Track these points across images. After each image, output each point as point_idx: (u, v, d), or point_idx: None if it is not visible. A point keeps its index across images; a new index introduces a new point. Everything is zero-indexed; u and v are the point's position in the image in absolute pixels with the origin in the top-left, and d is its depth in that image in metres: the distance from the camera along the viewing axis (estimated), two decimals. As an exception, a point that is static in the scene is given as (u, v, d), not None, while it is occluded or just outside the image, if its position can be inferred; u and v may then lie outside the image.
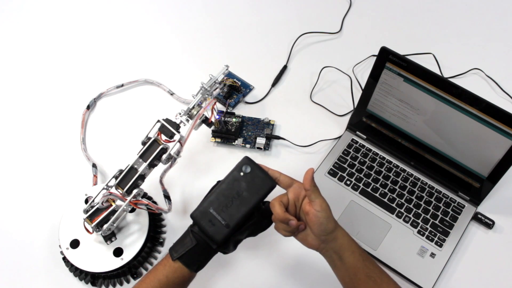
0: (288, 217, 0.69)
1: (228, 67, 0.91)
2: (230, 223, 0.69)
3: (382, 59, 0.85)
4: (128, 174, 0.78)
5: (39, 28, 1.16)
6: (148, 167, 0.78)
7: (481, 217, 0.90)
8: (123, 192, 0.78)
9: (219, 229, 0.69)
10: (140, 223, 0.84)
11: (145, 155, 0.79)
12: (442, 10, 1.20)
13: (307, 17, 1.18)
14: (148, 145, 0.79)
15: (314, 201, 0.69)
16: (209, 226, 0.70)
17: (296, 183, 0.73)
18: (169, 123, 0.80)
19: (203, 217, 0.71)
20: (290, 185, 0.73)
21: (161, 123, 0.80)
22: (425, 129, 0.89)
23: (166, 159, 0.79)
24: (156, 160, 0.79)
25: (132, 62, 1.11)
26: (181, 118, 0.82)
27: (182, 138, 0.80)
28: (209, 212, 0.70)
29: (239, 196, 0.71)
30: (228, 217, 0.70)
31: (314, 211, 0.68)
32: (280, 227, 0.71)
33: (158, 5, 1.20)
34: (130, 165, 0.79)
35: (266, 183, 0.72)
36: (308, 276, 0.85)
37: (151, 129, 0.81)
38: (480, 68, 1.09)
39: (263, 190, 0.71)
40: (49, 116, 1.03)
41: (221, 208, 0.71)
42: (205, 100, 0.87)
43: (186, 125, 0.82)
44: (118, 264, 0.81)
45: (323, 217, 0.69)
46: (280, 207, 0.70)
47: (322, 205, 0.69)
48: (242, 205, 0.70)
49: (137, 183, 0.79)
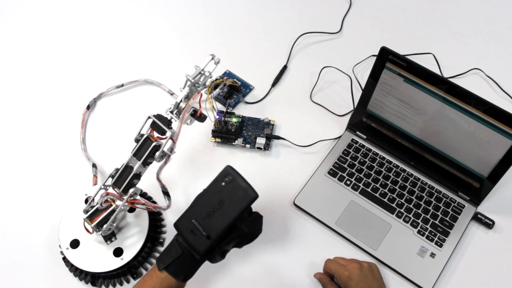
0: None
1: (214, 56, 0.85)
2: (212, 235, 0.68)
3: (382, 59, 0.85)
4: (124, 173, 0.77)
5: (39, 29, 1.16)
6: (142, 165, 0.77)
7: (481, 217, 0.90)
8: (119, 192, 0.77)
9: (201, 240, 0.69)
10: (140, 223, 0.84)
11: (138, 153, 0.77)
12: (442, 10, 1.20)
13: (307, 17, 1.18)
14: (141, 142, 0.77)
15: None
16: (191, 237, 0.69)
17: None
18: (160, 119, 0.77)
19: (185, 227, 0.70)
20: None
21: (152, 120, 0.77)
22: (425, 129, 0.89)
23: (160, 156, 0.77)
24: (149, 158, 0.77)
25: (132, 62, 1.11)
26: (170, 113, 0.79)
27: (174, 134, 0.78)
28: (191, 222, 0.70)
29: (220, 207, 0.69)
30: (210, 228, 0.69)
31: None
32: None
33: (158, 5, 1.20)
34: (125, 163, 0.78)
35: (248, 195, 0.70)
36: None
37: (142, 126, 0.78)
38: (480, 68, 1.09)
39: (244, 202, 0.70)
40: (49, 116, 1.03)
41: (203, 218, 0.69)
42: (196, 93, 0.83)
43: (177, 121, 0.80)
44: (118, 264, 0.81)
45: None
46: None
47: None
48: (223, 216, 0.69)
49: (133, 182, 0.77)
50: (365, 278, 0.78)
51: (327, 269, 0.82)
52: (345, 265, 0.80)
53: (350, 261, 0.82)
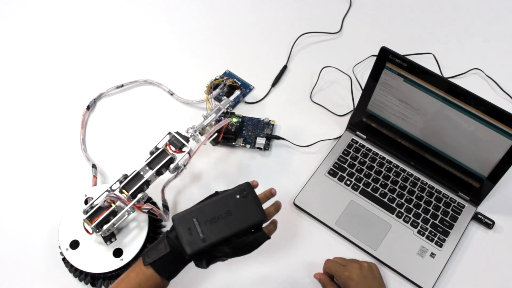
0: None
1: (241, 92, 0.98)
2: (208, 239, 0.68)
3: (382, 59, 0.85)
4: (134, 179, 0.80)
5: (39, 29, 1.16)
6: (155, 174, 0.80)
7: (481, 217, 0.90)
8: (127, 196, 0.79)
9: (195, 240, 0.68)
10: (139, 223, 0.84)
11: (152, 163, 0.81)
12: (442, 10, 1.20)
13: (307, 17, 1.18)
14: (157, 154, 0.81)
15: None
16: (185, 234, 0.68)
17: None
18: (179, 135, 0.83)
19: (183, 223, 0.69)
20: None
21: (171, 135, 0.83)
22: (425, 129, 0.89)
23: (174, 168, 0.81)
24: (163, 169, 0.81)
25: (132, 62, 1.11)
26: (193, 132, 0.85)
27: (191, 151, 0.83)
28: (192, 221, 0.69)
29: (226, 216, 0.70)
30: (208, 232, 0.68)
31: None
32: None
33: (158, 5, 1.20)
34: (136, 170, 0.80)
35: (256, 216, 0.71)
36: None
37: (160, 140, 0.83)
38: (480, 68, 1.09)
39: (250, 221, 0.70)
40: (49, 116, 1.03)
41: (205, 221, 0.69)
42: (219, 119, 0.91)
43: (196, 138, 0.85)
44: (118, 265, 0.81)
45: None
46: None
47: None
48: (226, 226, 0.69)
49: (142, 188, 0.80)
50: (365, 278, 0.78)
51: (327, 269, 0.82)
52: (345, 265, 0.80)
53: (350, 261, 0.82)
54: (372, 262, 0.83)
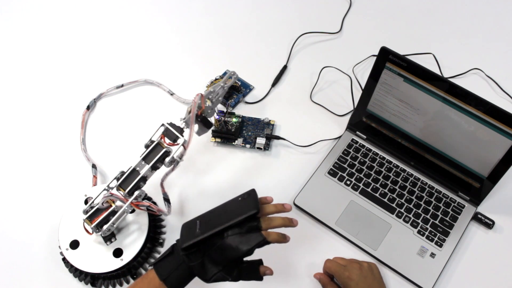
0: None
1: (234, 74, 0.92)
2: (202, 234, 0.69)
3: (382, 59, 0.85)
4: (130, 176, 0.79)
5: (39, 29, 1.16)
6: (150, 169, 0.79)
7: (481, 217, 0.90)
8: (124, 194, 0.78)
9: (190, 235, 0.70)
10: (139, 223, 0.84)
11: (148, 157, 0.80)
12: (442, 10, 1.20)
13: (307, 17, 1.18)
14: (151, 148, 0.80)
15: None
16: (185, 232, 0.71)
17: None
18: (173, 127, 0.81)
19: (188, 225, 0.72)
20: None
21: (165, 127, 0.81)
22: (425, 129, 0.89)
23: (169, 162, 0.80)
24: (159, 163, 0.79)
25: (132, 62, 1.11)
26: (184, 122, 0.82)
27: (185, 142, 0.81)
28: (196, 222, 0.72)
29: (223, 213, 0.71)
30: (204, 227, 0.70)
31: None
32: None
33: (158, 5, 1.20)
34: (132, 167, 0.79)
35: (248, 209, 0.70)
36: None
37: (155, 133, 0.81)
38: (480, 68, 1.09)
39: (242, 214, 0.70)
40: (49, 116, 1.03)
41: (205, 221, 0.71)
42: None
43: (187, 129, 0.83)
44: (118, 265, 0.81)
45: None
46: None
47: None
48: (219, 221, 0.70)
49: (139, 184, 0.79)
50: (365, 278, 0.78)
51: (327, 269, 0.82)
52: (345, 265, 0.80)
53: (350, 261, 0.82)
54: (372, 262, 0.83)
